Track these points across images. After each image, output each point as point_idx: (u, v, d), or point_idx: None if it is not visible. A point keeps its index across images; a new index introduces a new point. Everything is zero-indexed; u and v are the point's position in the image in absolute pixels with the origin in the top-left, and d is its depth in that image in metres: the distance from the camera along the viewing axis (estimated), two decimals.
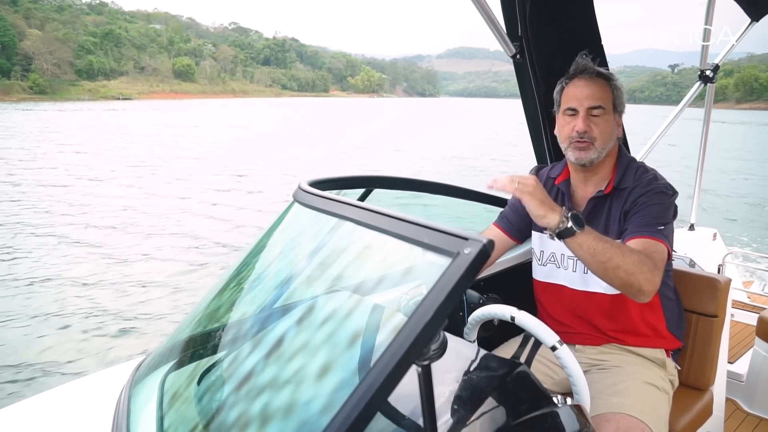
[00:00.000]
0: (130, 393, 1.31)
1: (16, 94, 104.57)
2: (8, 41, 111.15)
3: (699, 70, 3.48)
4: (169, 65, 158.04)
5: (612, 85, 1.65)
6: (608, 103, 1.63)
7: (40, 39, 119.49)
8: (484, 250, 0.70)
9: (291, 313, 1.14)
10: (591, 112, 1.61)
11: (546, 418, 0.97)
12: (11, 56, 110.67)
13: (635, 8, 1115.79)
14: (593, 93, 1.61)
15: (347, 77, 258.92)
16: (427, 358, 0.73)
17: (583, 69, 1.64)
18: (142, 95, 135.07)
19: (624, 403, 1.48)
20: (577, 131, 1.61)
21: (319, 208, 1.12)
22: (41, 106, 78.29)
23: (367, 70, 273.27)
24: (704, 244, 3.98)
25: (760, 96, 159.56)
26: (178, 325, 1.44)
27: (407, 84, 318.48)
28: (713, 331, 1.92)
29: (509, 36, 2.17)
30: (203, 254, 10.11)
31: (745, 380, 2.78)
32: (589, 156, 1.62)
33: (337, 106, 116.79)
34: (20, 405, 1.40)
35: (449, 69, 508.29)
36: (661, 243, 1.49)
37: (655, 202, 1.56)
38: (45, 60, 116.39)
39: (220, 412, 1.05)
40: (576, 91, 1.63)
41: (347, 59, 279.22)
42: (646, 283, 1.35)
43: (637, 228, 1.54)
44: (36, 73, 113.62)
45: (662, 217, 1.55)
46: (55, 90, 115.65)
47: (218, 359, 1.22)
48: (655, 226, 1.52)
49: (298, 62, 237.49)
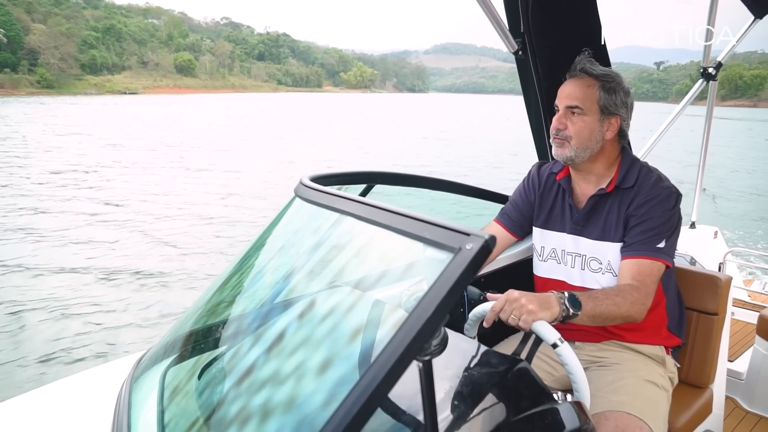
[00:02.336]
0: (131, 387, 1.31)
1: (24, 88, 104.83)
2: (14, 36, 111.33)
3: (702, 67, 3.47)
4: (171, 60, 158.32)
5: (602, 86, 1.64)
6: (589, 104, 1.63)
7: (45, 33, 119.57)
8: (486, 245, 0.69)
9: (292, 308, 1.14)
10: (570, 111, 1.64)
11: (546, 414, 0.97)
12: (16, 50, 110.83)
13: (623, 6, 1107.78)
14: (572, 93, 1.64)
15: (339, 73, 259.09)
16: (428, 354, 0.73)
17: (574, 68, 1.68)
18: (147, 90, 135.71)
19: (623, 401, 1.48)
20: (554, 128, 1.66)
21: (320, 203, 1.12)
22: (55, 100, 79.69)
23: (359, 66, 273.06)
24: (705, 242, 3.98)
25: (744, 93, 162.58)
26: (178, 319, 1.45)
27: (397, 80, 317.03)
28: (713, 329, 1.92)
29: (512, 32, 2.16)
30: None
31: (745, 378, 2.78)
32: (564, 153, 1.65)
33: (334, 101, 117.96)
34: (21, 398, 1.40)
35: (436, 65, 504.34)
36: (657, 262, 1.55)
37: (658, 214, 1.57)
38: (51, 54, 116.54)
39: (220, 406, 1.05)
40: (564, 90, 1.67)
41: (339, 55, 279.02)
42: (638, 315, 1.48)
43: (636, 245, 1.57)
44: (43, 67, 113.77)
45: (664, 231, 1.56)
46: (61, 84, 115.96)
47: (219, 354, 1.23)
48: (654, 243, 1.55)
49: (291, 58, 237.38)
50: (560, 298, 1.32)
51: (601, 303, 1.41)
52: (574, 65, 1.67)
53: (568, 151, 1.64)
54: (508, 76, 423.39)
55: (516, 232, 1.87)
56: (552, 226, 1.79)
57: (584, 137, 1.64)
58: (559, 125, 1.65)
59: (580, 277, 1.71)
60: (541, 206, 1.82)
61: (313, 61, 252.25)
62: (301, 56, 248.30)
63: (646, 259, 1.54)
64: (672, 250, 1.59)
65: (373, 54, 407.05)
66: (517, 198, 1.90)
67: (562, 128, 1.64)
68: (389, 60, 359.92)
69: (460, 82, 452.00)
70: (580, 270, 1.71)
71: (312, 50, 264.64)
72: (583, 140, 1.64)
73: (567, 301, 1.32)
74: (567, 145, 1.64)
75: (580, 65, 1.66)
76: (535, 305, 1.26)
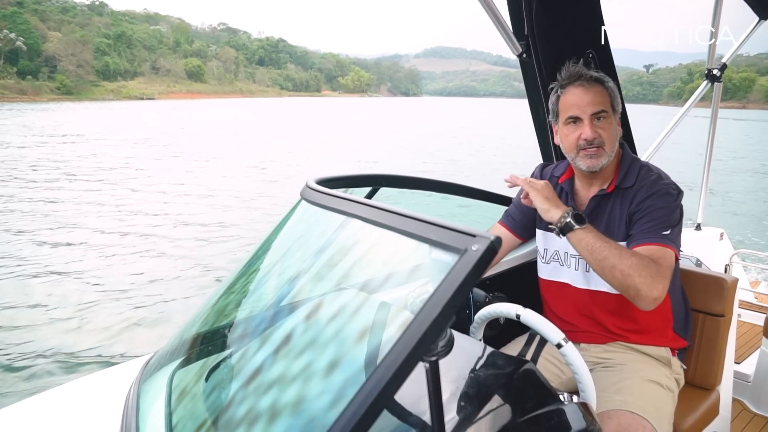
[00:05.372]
0: (138, 389, 1.32)
1: (45, 95, 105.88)
2: (32, 43, 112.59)
3: (707, 69, 3.47)
4: (182, 66, 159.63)
5: (608, 87, 1.64)
6: (608, 106, 1.62)
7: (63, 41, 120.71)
8: (491, 247, 0.70)
9: (298, 310, 1.14)
10: (595, 117, 1.60)
11: (552, 415, 0.97)
12: (33, 58, 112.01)
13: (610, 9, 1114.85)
14: (594, 99, 1.59)
15: (337, 77, 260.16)
16: (435, 355, 0.73)
17: (579, 75, 1.62)
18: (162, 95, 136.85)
19: (627, 401, 1.48)
20: (585, 139, 1.59)
21: (326, 205, 1.13)
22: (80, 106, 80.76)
23: (356, 71, 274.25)
24: (711, 244, 3.96)
25: (734, 96, 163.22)
26: (186, 322, 1.46)
27: (391, 83, 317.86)
28: (720, 330, 1.91)
29: (515, 35, 2.17)
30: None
31: (752, 380, 2.77)
32: (600, 162, 1.61)
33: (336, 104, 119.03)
34: (31, 401, 1.41)
35: (427, 68, 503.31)
36: (667, 248, 1.50)
37: (660, 206, 1.55)
38: (69, 61, 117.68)
39: (228, 408, 1.06)
40: (575, 99, 1.61)
41: (336, 59, 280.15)
42: (644, 288, 1.37)
43: (642, 234, 1.54)
44: (62, 74, 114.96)
45: (668, 221, 1.54)
46: (80, 90, 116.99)
47: (226, 356, 1.23)
48: (660, 231, 1.52)
49: (290, 63, 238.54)
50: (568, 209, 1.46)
51: (606, 242, 1.42)
52: (577, 73, 1.62)
53: (604, 159, 1.61)
54: (499, 80, 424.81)
55: (520, 233, 1.87)
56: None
57: (613, 141, 1.63)
58: (593, 135, 1.58)
59: (584, 279, 1.71)
60: None
61: (311, 65, 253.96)
62: (299, 61, 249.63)
63: (655, 246, 1.50)
64: (678, 240, 1.55)
65: (366, 58, 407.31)
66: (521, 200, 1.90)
67: (596, 137, 1.59)
68: (383, 64, 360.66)
69: (451, 85, 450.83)
70: (584, 272, 1.71)
71: (309, 55, 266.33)
72: (613, 144, 1.63)
73: (572, 214, 1.45)
74: (602, 152, 1.60)
75: (584, 71, 1.62)
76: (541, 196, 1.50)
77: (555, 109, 1.69)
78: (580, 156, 1.62)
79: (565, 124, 1.64)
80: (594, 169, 1.62)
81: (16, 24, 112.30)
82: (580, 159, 1.63)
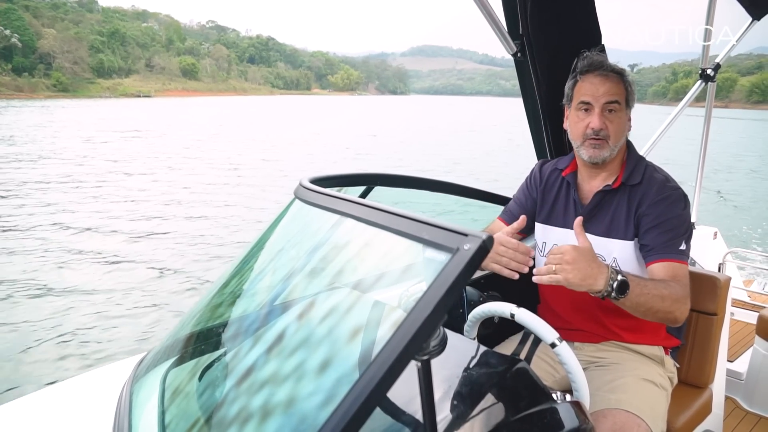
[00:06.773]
0: (131, 389, 1.31)
1: (41, 92, 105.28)
2: (27, 40, 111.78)
3: (701, 69, 3.48)
4: (176, 64, 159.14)
5: (625, 81, 1.63)
6: (623, 98, 1.62)
7: (58, 38, 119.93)
8: (483, 246, 0.70)
9: (291, 309, 1.14)
10: (607, 108, 1.59)
11: (544, 414, 0.97)
12: (28, 55, 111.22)
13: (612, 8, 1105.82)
14: (610, 89, 1.59)
15: (327, 76, 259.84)
16: (427, 354, 0.73)
17: (600, 65, 1.62)
18: (158, 93, 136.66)
19: (621, 399, 1.49)
20: (593, 128, 1.59)
21: (320, 204, 1.13)
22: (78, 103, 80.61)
23: (345, 69, 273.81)
24: (705, 243, 3.97)
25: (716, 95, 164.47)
26: (179, 321, 1.45)
27: (379, 82, 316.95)
28: (713, 329, 1.92)
29: (510, 34, 2.17)
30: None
31: (745, 379, 2.78)
32: (602, 154, 1.61)
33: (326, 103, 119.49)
34: (23, 400, 1.41)
35: (414, 67, 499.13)
36: (684, 265, 1.52)
37: (673, 215, 1.55)
38: (65, 59, 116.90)
39: (221, 407, 1.06)
40: (591, 87, 1.60)
41: (326, 58, 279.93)
42: (681, 315, 1.44)
43: (661, 249, 1.53)
44: (58, 71, 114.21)
45: (683, 233, 1.55)
46: (76, 88, 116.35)
47: (219, 355, 1.23)
48: (677, 245, 1.53)
49: (280, 61, 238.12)
50: (611, 279, 1.31)
51: (648, 292, 1.38)
52: (598, 62, 1.62)
53: (606, 151, 1.61)
54: (486, 78, 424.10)
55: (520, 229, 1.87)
56: (554, 222, 1.78)
57: (620, 134, 1.62)
58: (601, 125, 1.58)
59: None
60: (543, 202, 1.82)
61: (300, 64, 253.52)
62: (289, 59, 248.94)
63: (675, 262, 1.51)
64: (689, 252, 1.58)
65: (354, 56, 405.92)
66: (520, 195, 1.90)
67: (603, 128, 1.59)
68: (371, 62, 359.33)
69: (438, 84, 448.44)
70: None
71: (299, 53, 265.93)
72: (619, 137, 1.62)
73: (616, 284, 1.31)
74: (606, 145, 1.60)
75: (606, 62, 1.62)
76: (577, 278, 1.28)
77: (570, 93, 1.69)
78: (585, 145, 1.63)
79: (577, 110, 1.64)
80: (595, 160, 1.62)
81: (11, 20, 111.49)
82: (584, 148, 1.64)
